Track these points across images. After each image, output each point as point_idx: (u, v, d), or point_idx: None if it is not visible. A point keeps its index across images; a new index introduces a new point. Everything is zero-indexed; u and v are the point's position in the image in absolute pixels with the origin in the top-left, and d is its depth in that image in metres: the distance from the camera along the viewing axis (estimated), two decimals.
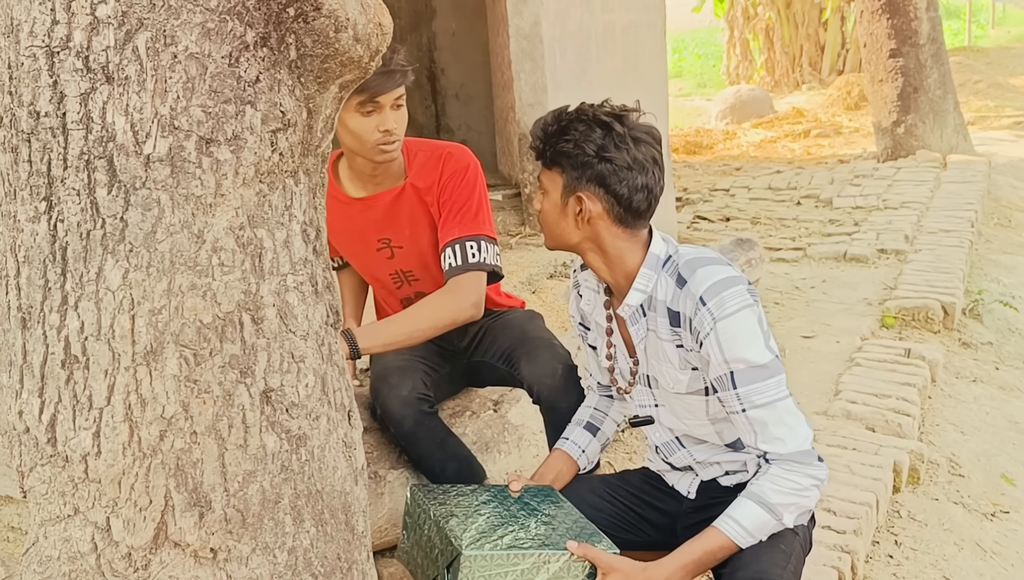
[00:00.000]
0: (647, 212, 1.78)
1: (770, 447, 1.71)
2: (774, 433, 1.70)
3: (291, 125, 1.31)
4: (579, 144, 1.72)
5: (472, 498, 1.87)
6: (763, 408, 1.70)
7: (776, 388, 1.70)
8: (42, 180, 1.19)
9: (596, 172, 1.73)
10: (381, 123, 2.15)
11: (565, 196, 1.77)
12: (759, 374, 1.69)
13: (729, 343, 1.68)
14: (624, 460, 3.11)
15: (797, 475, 1.70)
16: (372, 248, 2.40)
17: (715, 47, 19.11)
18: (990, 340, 4.36)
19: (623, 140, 1.72)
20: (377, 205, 2.34)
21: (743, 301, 1.70)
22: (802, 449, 1.70)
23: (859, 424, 3.30)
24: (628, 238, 1.79)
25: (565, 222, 1.80)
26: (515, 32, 4.90)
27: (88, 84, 1.17)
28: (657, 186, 1.76)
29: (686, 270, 1.74)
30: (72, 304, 1.21)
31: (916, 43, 7.95)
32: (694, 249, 1.81)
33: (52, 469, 1.25)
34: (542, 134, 1.78)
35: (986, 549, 2.75)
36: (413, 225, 2.35)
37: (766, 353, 1.70)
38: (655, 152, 1.76)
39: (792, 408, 1.72)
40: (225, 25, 1.21)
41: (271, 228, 1.30)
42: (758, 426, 1.71)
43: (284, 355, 1.32)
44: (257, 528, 1.30)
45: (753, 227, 6.42)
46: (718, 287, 1.70)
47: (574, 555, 1.69)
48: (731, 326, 1.68)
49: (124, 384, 1.22)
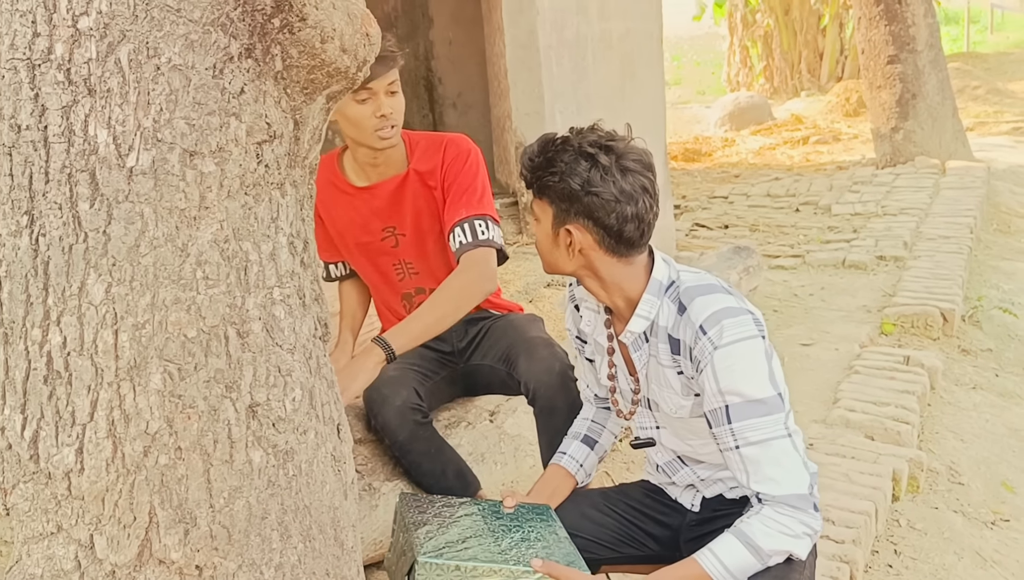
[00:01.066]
0: (641, 240, 1.73)
1: (763, 487, 1.63)
2: (768, 473, 1.63)
3: (277, 137, 1.29)
4: (564, 178, 1.68)
5: (456, 510, 1.84)
6: (757, 446, 1.63)
7: (773, 426, 1.63)
8: (24, 194, 1.18)
9: (583, 205, 1.68)
10: (377, 109, 2.20)
11: (556, 227, 1.74)
12: (755, 409, 1.62)
13: (725, 374, 1.63)
14: (622, 470, 3.09)
15: (790, 519, 1.62)
16: (377, 237, 2.43)
17: (713, 54, 19.13)
18: (990, 347, 4.35)
19: (608, 172, 1.67)
20: (381, 192, 2.39)
21: (745, 331, 1.64)
22: (798, 493, 1.62)
23: (858, 432, 3.28)
24: (624, 265, 1.75)
25: (558, 252, 1.76)
26: (511, 41, 4.90)
27: (70, 97, 1.16)
28: (649, 214, 1.71)
29: (687, 297, 1.70)
30: (54, 319, 1.20)
31: (914, 49, 7.95)
32: (697, 275, 1.76)
33: (35, 486, 1.24)
34: (530, 165, 1.75)
35: (986, 558, 2.73)
36: (416, 211, 2.39)
37: (766, 388, 1.63)
38: (645, 180, 1.70)
39: (789, 449, 1.64)
40: (209, 37, 1.20)
41: (257, 241, 1.29)
42: (751, 465, 1.64)
43: (270, 369, 1.30)
44: (243, 544, 1.29)
45: (752, 234, 6.41)
46: (719, 316, 1.65)
47: (537, 572, 1.63)
48: (729, 355, 1.63)
49: (107, 400, 1.20)
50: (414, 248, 2.43)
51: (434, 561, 1.64)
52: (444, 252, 2.43)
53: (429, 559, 1.64)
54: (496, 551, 1.69)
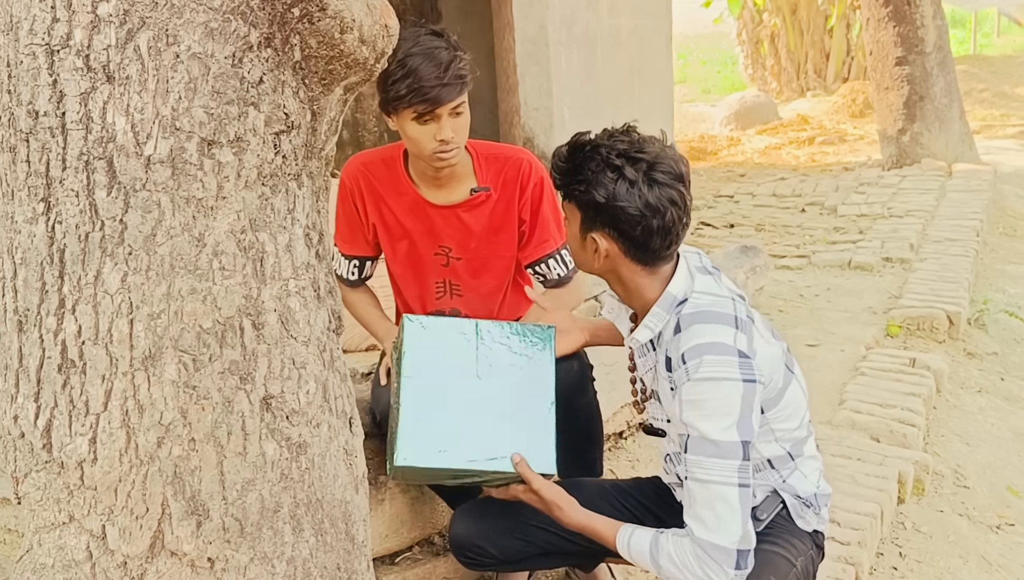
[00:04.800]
0: (667, 251, 1.70)
1: (691, 523, 1.63)
2: (699, 512, 1.62)
3: (295, 127, 1.28)
4: (590, 188, 1.65)
5: (448, 337, 1.92)
6: (699, 483, 1.61)
7: (721, 471, 1.60)
8: (40, 181, 1.17)
9: (609, 217, 1.65)
10: (438, 132, 2.10)
11: (583, 232, 1.72)
12: (708, 448, 1.61)
13: (689, 406, 1.62)
14: (627, 467, 3.09)
15: (698, 562, 1.61)
16: (431, 251, 2.36)
17: (719, 53, 19.10)
18: (995, 350, 4.33)
19: (635, 185, 1.63)
20: (449, 214, 2.31)
21: (723, 372, 1.61)
22: (719, 544, 1.60)
23: (864, 434, 3.28)
24: (648, 274, 1.73)
25: (584, 254, 1.75)
26: (521, 36, 4.89)
27: (88, 83, 1.15)
28: (678, 226, 1.67)
29: (686, 321, 1.67)
30: (69, 307, 1.19)
31: (922, 51, 7.92)
32: (713, 299, 1.71)
33: (47, 475, 1.23)
34: (558, 168, 1.73)
35: (991, 562, 2.72)
36: (480, 239, 2.34)
37: (727, 432, 1.60)
38: (674, 192, 1.65)
39: (730, 498, 1.60)
40: (229, 25, 1.19)
41: (273, 232, 1.28)
42: (689, 498, 1.64)
43: (285, 361, 1.29)
44: (255, 537, 1.28)
45: (757, 234, 6.39)
46: (703, 349, 1.62)
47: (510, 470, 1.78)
48: (697, 390, 1.61)
49: (121, 389, 1.20)
50: (466, 272, 2.38)
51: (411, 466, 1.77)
52: (496, 277, 2.40)
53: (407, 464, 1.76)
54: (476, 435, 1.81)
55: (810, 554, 1.83)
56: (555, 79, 4.90)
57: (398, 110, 2.08)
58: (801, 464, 1.83)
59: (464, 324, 1.95)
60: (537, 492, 1.78)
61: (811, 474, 1.85)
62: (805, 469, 1.84)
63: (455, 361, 1.88)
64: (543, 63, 4.89)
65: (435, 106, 2.05)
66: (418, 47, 2.03)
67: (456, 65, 2.06)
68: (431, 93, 2.02)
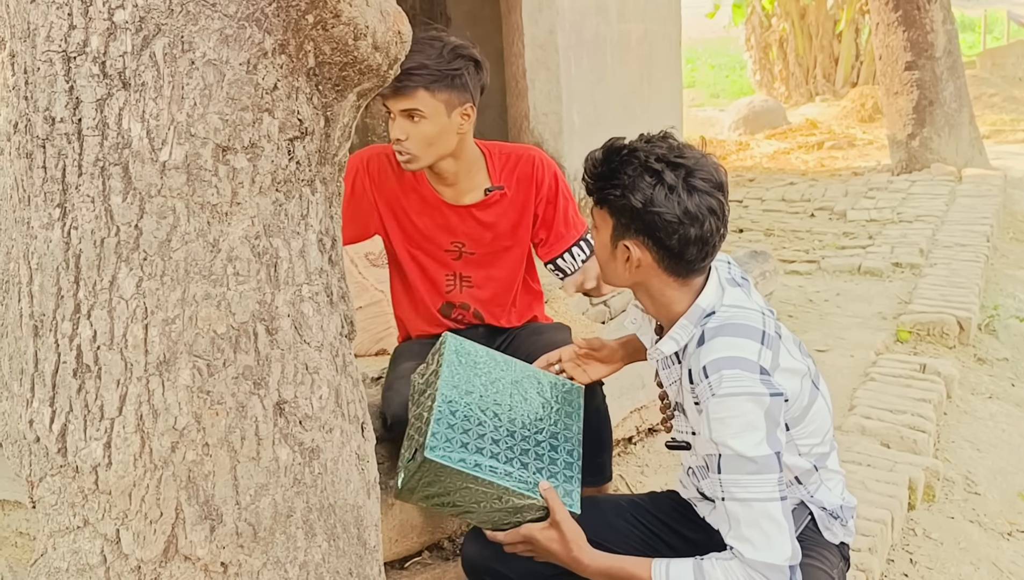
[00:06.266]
0: (702, 262, 1.66)
1: (738, 545, 1.57)
2: (745, 533, 1.56)
3: (308, 133, 1.29)
4: (626, 193, 1.60)
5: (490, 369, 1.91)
6: (740, 503, 1.56)
7: (761, 487, 1.56)
8: (56, 186, 1.18)
9: (644, 223, 1.60)
10: (391, 129, 2.16)
11: (614, 240, 1.67)
12: (745, 466, 1.56)
13: (717, 425, 1.57)
14: (636, 474, 3.08)
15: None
16: (443, 246, 2.39)
17: (728, 58, 19.09)
18: (1006, 356, 4.32)
19: (674, 190, 1.58)
20: (464, 212, 2.35)
21: (746, 387, 1.56)
22: (771, 562, 1.55)
23: (874, 440, 3.27)
24: (679, 287, 1.68)
25: (614, 263, 1.70)
26: (530, 41, 4.90)
27: (104, 90, 1.16)
28: (715, 237, 1.62)
29: (711, 333, 1.63)
30: (85, 312, 1.19)
31: (932, 56, 7.91)
32: (740, 312, 1.66)
33: (62, 480, 1.24)
34: (593, 173, 1.67)
35: (1003, 569, 2.71)
36: (495, 235, 2.36)
37: (759, 447, 1.55)
38: (713, 201, 1.60)
39: (775, 515, 1.56)
40: (243, 32, 1.20)
41: (287, 237, 1.28)
42: (732, 520, 1.58)
43: (298, 366, 1.30)
44: (268, 542, 1.28)
45: (767, 239, 6.39)
46: (723, 363, 1.57)
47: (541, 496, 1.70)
48: (723, 407, 1.56)
49: (136, 394, 1.20)
50: (480, 266, 2.40)
51: (440, 461, 1.66)
52: (509, 271, 2.43)
53: (435, 457, 1.67)
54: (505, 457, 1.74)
55: (841, 566, 1.81)
56: (564, 84, 4.91)
57: None
58: (826, 477, 1.80)
59: (500, 355, 1.97)
60: (559, 524, 1.69)
61: (835, 487, 1.81)
62: (830, 482, 1.81)
63: (490, 385, 1.87)
64: (552, 68, 4.90)
65: (384, 99, 2.10)
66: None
67: (416, 68, 2.05)
68: None
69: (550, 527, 1.69)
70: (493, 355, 1.95)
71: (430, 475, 1.70)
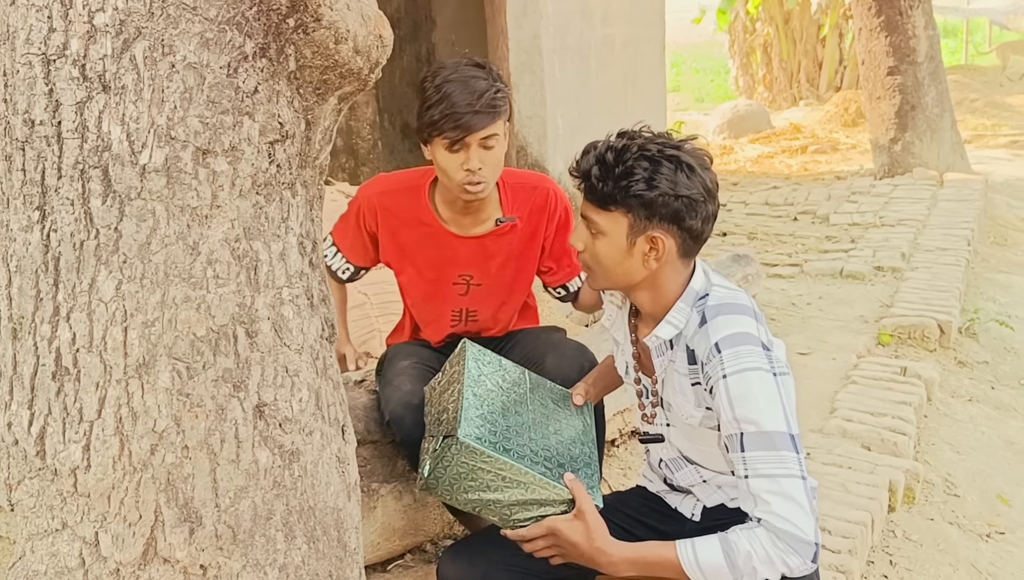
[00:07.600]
0: (705, 242, 1.71)
1: (765, 517, 1.55)
2: (772, 506, 1.55)
3: (289, 136, 1.29)
4: (652, 183, 1.61)
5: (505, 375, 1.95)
6: (767, 479, 1.56)
7: (785, 463, 1.56)
8: (36, 189, 1.18)
9: (671, 210, 1.63)
10: (466, 161, 2.12)
11: (632, 236, 1.66)
12: (770, 441, 1.56)
13: (740, 402, 1.57)
14: (619, 475, 3.09)
15: (778, 552, 1.54)
16: (449, 280, 2.37)
17: (713, 62, 19.17)
18: (986, 359, 4.35)
19: (693, 171, 1.63)
20: (471, 243, 2.33)
21: (759, 362, 1.59)
22: (798, 535, 1.54)
23: (854, 442, 3.29)
24: (683, 270, 1.72)
25: (630, 262, 1.69)
26: (515, 45, 4.91)
27: (84, 93, 1.16)
28: (718, 211, 1.70)
29: (711, 312, 1.66)
30: (64, 315, 1.19)
31: (914, 61, 7.96)
32: (731, 293, 1.71)
33: (40, 482, 1.24)
34: (601, 173, 1.65)
35: (981, 570, 2.74)
36: (501, 266, 2.36)
37: (782, 424, 1.57)
38: (712, 176, 1.68)
39: (799, 492, 1.55)
40: (224, 35, 1.20)
41: (267, 240, 1.29)
42: (757, 496, 1.57)
43: (278, 369, 1.30)
44: (248, 545, 1.28)
45: (750, 242, 6.41)
46: (737, 339, 1.60)
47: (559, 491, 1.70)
48: (744, 383, 1.57)
49: (115, 397, 1.20)
50: (485, 299, 2.40)
51: (473, 444, 1.65)
52: (515, 303, 2.45)
53: (469, 439, 1.66)
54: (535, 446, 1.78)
55: None
56: (549, 88, 4.92)
57: (432, 138, 2.11)
58: None
59: (511, 364, 2.02)
60: (584, 515, 1.68)
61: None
62: None
63: (508, 388, 1.92)
64: (537, 72, 4.91)
65: (465, 133, 2.07)
66: (456, 75, 2.08)
67: (490, 95, 2.08)
68: (462, 120, 2.04)
69: (575, 519, 1.70)
70: (506, 363, 2.00)
71: (460, 460, 1.68)
